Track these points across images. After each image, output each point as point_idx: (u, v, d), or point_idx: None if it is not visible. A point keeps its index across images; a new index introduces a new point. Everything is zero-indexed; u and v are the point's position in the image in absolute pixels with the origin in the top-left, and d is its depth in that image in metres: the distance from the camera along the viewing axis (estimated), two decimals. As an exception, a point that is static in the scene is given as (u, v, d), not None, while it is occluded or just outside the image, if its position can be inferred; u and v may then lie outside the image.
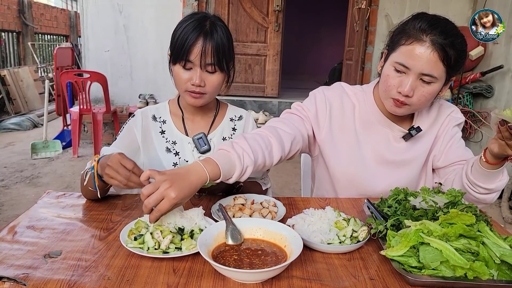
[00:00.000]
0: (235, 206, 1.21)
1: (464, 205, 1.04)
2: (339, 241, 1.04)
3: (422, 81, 1.23)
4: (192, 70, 1.33)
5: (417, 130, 1.37)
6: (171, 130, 1.50)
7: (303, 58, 9.89)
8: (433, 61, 1.19)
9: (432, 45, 1.18)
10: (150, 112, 1.51)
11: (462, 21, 5.04)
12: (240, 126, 1.58)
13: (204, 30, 1.31)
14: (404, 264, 0.92)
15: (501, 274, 0.89)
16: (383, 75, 1.31)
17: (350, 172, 1.44)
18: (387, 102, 1.32)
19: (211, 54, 1.30)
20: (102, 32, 5.16)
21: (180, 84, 1.37)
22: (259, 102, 5.51)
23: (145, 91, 5.20)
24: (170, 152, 1.47)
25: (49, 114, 5.63)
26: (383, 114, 1.42)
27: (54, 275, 0.89)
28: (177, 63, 1.34)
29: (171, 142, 1.49)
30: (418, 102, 1.26)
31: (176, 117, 1.52)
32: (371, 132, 1.43)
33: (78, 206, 1.27)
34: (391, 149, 1.42)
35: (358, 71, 5.02)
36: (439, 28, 1.20)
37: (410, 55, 1.21)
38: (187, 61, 1.31)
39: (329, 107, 1.44)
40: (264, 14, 5.45)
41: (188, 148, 1.48)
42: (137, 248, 0.98)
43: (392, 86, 1.26)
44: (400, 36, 1.25)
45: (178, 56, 1.32)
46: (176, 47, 1.32)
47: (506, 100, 4.40)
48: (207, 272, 0.92)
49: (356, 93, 1.47)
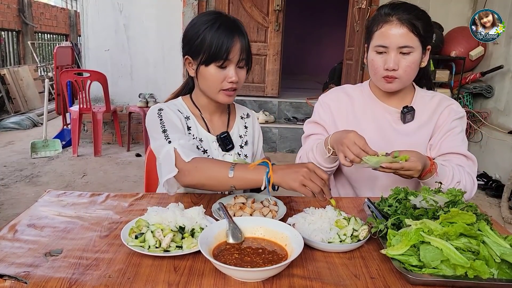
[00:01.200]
0: (236, 205, 1.21)
1: (465, 204, 1.04)
2: (339, 240, 1.04)
3: (402, 54, 1.39)
4: (226, 68, 1.35)
5: (409, 109, 1.51)
6: (196, 127, 1.46)
7: (303, 58, 9.88)
8: (405, 33, 1.37)
9: (400, 21, 1.37)
10: (173, 106, 1.44)
11: (462, 21, 5.05)
12: (249, 123, 1.61)
13: (237, 28, 1.36)
14: (404, 263, 0.92)
15: (501, 273, 0.89)
16: (369, 62, 1.48)
17: None
18: (380, 83, 1.48)
19: (245, 49, 1.36)
20: (102, 31, 5.16)
21: (215, 84, 1.36)
22: (259, 102, 5.51)
23: (145, 91, 5.20)
24: (199, 150, 1.42)
25: (49, 113, 5.63)
26: (379, 100, 1.56)
27: (55, 274, 0.89)
28: (211, 64, 1.33)
29: (198, 139, 1.45)
30: (405, 74, 1.42)
31: (195, 115, 1.48)
32: (371, 118, 1.56)
33: (78, 204, 1.27)
34: (393, 132, 1.53)
35: (358, 71, 5.02)
36: (401, 8, 1.39)
37: (384, 35, 1.39)
38: (226, 60, 1.32)
39: (327, 106, 1.60)
40: (264, 14, 5.45)
41: (214, 146, 1.47)
42: (138, 246, 0.99)
43: (379, 67, 1.43)
44: (372, 26, 1.45)
45: (216, 56, 1.31)
46: (212, 49, 1.31)
47: (506, 100, 4.41)
48: (208, 271, 0.92)
49: (355, 88, 1.63)
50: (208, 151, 1.46)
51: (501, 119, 4.46)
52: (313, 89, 6.90)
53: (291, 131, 5.19)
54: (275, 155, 5.07)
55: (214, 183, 1.22)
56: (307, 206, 1.20)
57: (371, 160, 1.20)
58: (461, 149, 1.47)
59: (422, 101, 1.54)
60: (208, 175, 1.21)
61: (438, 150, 1.50)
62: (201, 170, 1.21)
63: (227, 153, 1.48)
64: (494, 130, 4.37)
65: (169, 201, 1.27)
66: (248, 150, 1.55)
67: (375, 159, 1.20)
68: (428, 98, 1.55)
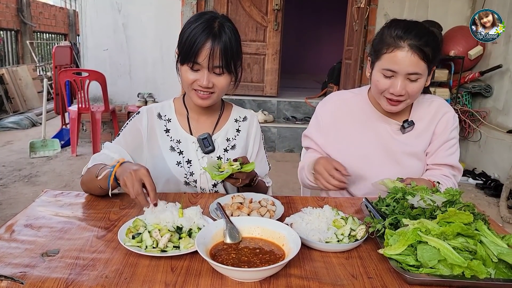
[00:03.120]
0: (233, 205, 1.20)
1: (462, 204, 1.04)
2: (337, 240, 1.04)
3: (409, 80, 1.38)
4: (199, 71, 1.33)
5: (410, 124, 1.53)
6: (176, 129, 1.49)
7: (302, 57, 9.88)
8: (415, 61, 1.34)
9: (411, 48, 1.34)
10: (155, 110, 1.51)
11: (461, 20, 5.05)
12: (244, 127, 1.57)
13: (213, 32, 1.30)
14: (402, 263, 0.92)
15: (498, 272, 0.89)
16: (373, 81, 1.46)
17: (358, 168, 1.54)
18: (382, 102, 1.47)
19: (219, 57, 1.30)
20: (101, 31, 5.15)
21: (186, 84, 1.37)
22: (258, 101, 5.51)
23: (144, 90, 5.19)
24: (174, 151, 1.47)
25: (48, 113, 5.62)
26: (378, 111, 1.56)
27: (51, 274, 0.89)
28: (184, 64, 1.33)
29: (176, 140, 1.48)
30: (410, 98, 1.42)
31: (181, 116, 1.51)
32: (370, 129, 1.55)
33: (76, 204, 1.27)
34: (392, 142, 1.54)
35: (357, 70, 5.02)
36: (413, 32, 1.35)
37: (394, 61, 1.36)
38: (195, 63, 1.31)
39: (326, 117, 1.61)
40: (263, 13, 5.44)
41: (192, 147, 1.48)
42: (135, 246, 0.98)
43: (384, 89, 1.41)
44: (381, 46, 1.40)
45: (186, 57, 1.31)
46: (185, 48, 1.31)
47: (505, 100, 4.41)
48: (205, 271, 0.92)
49: (353, 96, 1.62)
50: (184, 152, 1.48)
51: (500, 119, 4.46)
52: (312, 88, 6.90)
53: (290, 130, 5.19)
54: (274, 154, 5.07)
55: (90, 185, 1.30)
56: (305, 206, 1.20)
57: (388, 184, 1.29)
58: (454, 160, 1.56)
59: (421, 107, 1.56)
60: (87, 178, 1.31)
61: (433, 158, 1.57)
62: (87, 173, 1.34)
63: (207, 155, 1.48)
64: (493, 130, 4.37)
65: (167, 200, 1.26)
66: (234, 155, 1.51)
67: (391, 184, 1.27)
68: (426, 104, 1.57)
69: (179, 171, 1.46)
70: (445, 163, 1.56)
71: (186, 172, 1.47)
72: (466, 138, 4.71)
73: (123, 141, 1.45)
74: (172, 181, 1.48)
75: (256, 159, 1.60)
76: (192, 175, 1.47)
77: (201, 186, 1.49)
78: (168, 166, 1.46)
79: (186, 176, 1.47)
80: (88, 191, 1.34)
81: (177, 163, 1.46)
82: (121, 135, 1.47)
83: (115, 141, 1.46)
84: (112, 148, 1.43)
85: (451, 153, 1.56)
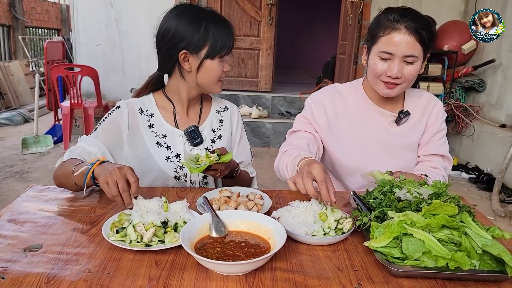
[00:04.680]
0: (221, 199, 1.20)
1: (448, 196, 1.04)
2: (323, 233, 1.04)
3: (406, 63, 1.40)
4: (222, 60, 1.41)
5: (406, 114, 1.53)
6: (160, 123, 1.47)
7: (296, 53, 9.85)
8: (412, 43, 1.36)
9: (408, 30, 1.36)
10: (136, 105, 1.47)
11: (455, 15, 5.05)
12: (226, 117, 1.58)
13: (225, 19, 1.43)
14: (387, 255, 0.91)
15: (483, 264, 0.89)
16: (370, 66, 1.46)
17: (354, 160, 1.55)
18: (378, 87, 1.47)
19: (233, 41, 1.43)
20: (93, 26, 5.11)
21: (217, 76, 1.41)
22: (253, 97, 5.49)
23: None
24: (161, 146, 1.45)
25: (40, 109, 5.58)
26: (374, 104, 1.56)
27: (33, 269, 0.88)
28: (216, 57, 1.38)
29: (161, 135, 1.46)
30: (406, 81, 1.43)
31: (164, 110, 1.49)
32: (366, 122, 1.55)
33: (61, 199, 1.25)
34: (388, 134, 1.55)
35: (351, 65, 5.01)
36: (409, 16, 1.38)
37: (391, 43, 1.38)
38: (226, 54, 1.40)
39: (322, 107, 1.57)
40: (257, 8, 5.42)
41: (180, 141, 1.47)
42: (119, 241, 0.97)
43: (381, 72, 1.42)
44: (378, 30, 1.41)
45: (222, 48, 1.38)
46: (220, 41, 1.37)
47: (498, 94, 4.42)
48: (190, 265, 0.92)
49: (347, 89, 1.61)
50: (172, 147, 1.47)
51: (493, 113, 4.47)
52: (306, 83, 6.89)
53: (285, 126, 5.18)
54: (268, 150, 5.07)
55: (64, 180, 1.28)
56: (293, 199, 1.19)
57: (376, 176, 1.29)
58: (444, 150, 1.59)
59: (412, 99, 1.59)
60: (62, 172, 1.29)
61: (425, 150, 1.60)
62: (61, 166, 1.32)
63: (196, 147, 1.48)
64: (486, 124, 4.38)
65: (154, 195, 1.26)
66: (221, 144, 1.53)
67: (380, 176, 1.27)
68: (416, 97, 1.60)
69: (169, 166, 1.45)
70: (436, 153, 1.58)
71: (176, 167, 1.46)
72: (460, 132, 4.73)
73: (102, 135, 1.41)
74: (161, 176, 1.46)
75: (238, 147, 1.61)
76: (182, 169, 1.46)
77: (191, 179, 1.49)
78: (156, 162, 1.44)
79: (176, 171, 1.46)
80: (60, 185, 1.32)
81: (166, 158, 1.45)
82: (99, 129, 1.43)
83: (93, 134, 1.42)
84: (89, 142, 1.39)
85: (441, 143, 1.59)
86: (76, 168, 1.20)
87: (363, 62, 1.52)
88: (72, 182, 1.23)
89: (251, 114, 5.18)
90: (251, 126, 5.08)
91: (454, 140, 4.82)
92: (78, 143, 1.40)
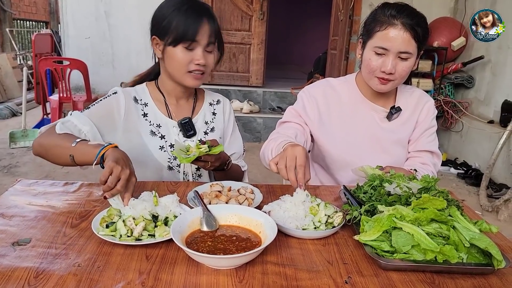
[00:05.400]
0: (212, 193, 1.19)
1: (437, 191, 1.05)
2: (314, 227, 1.04)
3: (400, 59, 1.40)
4: (194, 51, 1.35)
5: (397, 110, 1.54)
6: (154, 113, 1.47)
7: (288, 48, 9.85)
8: (407, 39, 1.37)
9: (404, 26, 1.36)
10: (131, 93, 1.47)
11: (445, 11, 5.08)
12: (219, 110, 1.60)
13: (206, 11, 1.36)
14: (376, 249, 0.92)
15: (470, 257, 0.90)
16: (364, 60, 1.46)
17: (345, 154, 1.56)
18: (372, 82, 1.47)
19: (213, 33, 1.37)
20: (83, 19, 5.05)
21: (182, 66, 1.36)
22: (244, 91, 5.48)
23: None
24: (155, 136, 1.45)
25: (28, 102, 5.50)
26: (366, 99, 1.56)
27: (22, 263, 0.87)
28: (179, 45, 1.33)
29: (156, 125, 1.46)
30: (399, 77, 1.43)
31: (157, 101, 1.49)
32: (358, 116, 1.56)
33: (50, 193, 1.24)
34: (379, 129, 1.56)
35: (342, 60, 5.02)
36: (405, 12, 1.38)
37: (387, 38, 1.38)
38: (193, 42, 1.33)
39: (315, 101, 1.57)
40: (248, 2, 5.39)
41: (174, 132, 1.47)
42: (109, 235, 0.97)
43: (375, 67, 1.42)
44: (374, 25, 1.42)
45: (183, 37, 1.32)
46: (180, 29, 1.32)
47: (486, 91, 4.47)
48: (180, 259, 0.91)
49: (340, 83, 1.61)
50: (166, 137, 1.47)
51: (481, 109, 4.53)
52: (298, 78, 6.89)
53: (276, 121, 5.09)
54: (259, 145, 5.06)
55: (56, 151, 1.25)
56: (284, 193, 1.19)
57: (367, 171, 1.29)
58: (433, 147, 1.61)
59: (403, 97, 1.60)
60: (55, 142, 1.26)
61: (415, 146, 1.62)
62: (52, 136, 1.28)
63: (189, 139, 1.48)
64: (474, 120, 4.44)
65: (144, 189, 1.25)
66: (214, 137, 1.53)
67: (370, 171, 1.28)
68: (408, 93, 1.61)
69: (162, 155, 1.45)
70: (426, 149, 1.60)
71: (169, 157, 1.46)
72: (449, 128, 4.78)
73: (95, 116, 1.38)
74: (155, 166, 1.46)
75: (231, 140, 1.62)
76: (176, 159, 1.45)
77: (184, 170, 1.48)
78: (150, 151, 1.44)
79: (169, 161, 1.46)
80: (43, 153, 1.29)
81: (160, 148, 1.45)
82: (93, 109, 1.39)
83: (85, 112, 1.38)
84: (81, 119, 1.35)
85: (431, 140, 1.61)
86: (78, 145, 1.19)
87: (357, 56, 1.52)
88: (66, 155, 1.21)
89: (242, 109, 5.17)
90: (242, 121, 5.07)
91: (443, 135, 4.88)
92: (69, 116, 1.36)
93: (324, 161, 1.64)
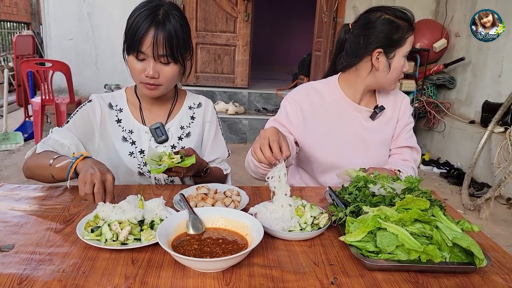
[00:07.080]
0: (198, 196, 1.19)
1: (420, 191, 1.07)
2: (300, 228, 1.05)
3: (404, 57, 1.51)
4: (145, 61, 1.30)
5: (381, 109, 1.59)
6: (128, 119, 1.47)
7: (273, 49, 9.88)
8: None
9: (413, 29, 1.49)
10: (106, 100, 1.48)
11: (427, 13, 5.17)
12: (199, 113, 1.56)
13: (156, 20, 1.26)
14: (362, 249, 0.93)
15: (453, 256, 0.92)
16: (395, 68, 1.49)
17: (331, 157, 1.58)
18: (393, 86, 1.56)
19: (163, 45, 1.27)
20: (65, 20, 4.97)
21: (134, 75, 1.34)
22: (229, 93, 5.48)
23: (111, 81, 5.07)
24: (126, 141, 1.45)
25: (10, 105, 5.39)
26: (350, 100, 1.58)
27: (5, 270, 0.85)
28: (130, 54, 1.30)
29: (128, 131, 1.46)
30: None
31: (133, 106, 1.49)
32: (343, 118, 1.57)
33: (33, 198, 1.22)
34: (363, 129, 1.58)
35: (326, 62, 5.06)
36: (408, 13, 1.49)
37: (411, 41, 1.49)
38: (139, 52, 1.28)
39: (298, 106, 1.57)
40: (233, 4, 5.39)
41: (145, 137, 1.46)
42: (94, 240, 0.96)
43: (404, 70, 1.51)
44: (402, 33, 1.46)
45: (130, 46, 1.28)
46: (129, 37, 1.28)
47: (467, 91, 4.56)
48: (167, 263, 0.91)
49: (323, 86, 1.62)
50: (137, 142, 1.46)
51: (463, 109, 4.62)
52: (283, 80, 6.92)
53: (261, 122, 5.20)
54: (245, 146, 5.07)
55: (38, 171, 1.27)
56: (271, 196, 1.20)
57: (351, 174, 1.31)
58: (413, 142, 1.66)
59: (382, 96, 1.64)
60: (36, 163, 1.27)
61: (395, 142, 1.66)
62: (34, 157, 1.30)
63: (161, 145, 1.47)
64: (456, 120, 4.52)
65: (129, 193, 1.24)
66: (189, 142, 1.51)
67: (354, 174, 1.29)
68: (384, 93, 1.65)
69: (132, 161, 1.45)
70: (406, 145, 1.65)
71: (139, 163, 1.45)
72: (431, 128, 4.86)
73: (74, 128, 1.40)
74: (126, 172, 1.46)
75: (213, 145, 1.59)
76: (146, 165, 1.45)
77: (155, 176, 1.47)
78: (120, 156, 1.44)
79: (139, 167, 1.45)
80: (31, 176, 1.31)
81: (129, 154, 1.44)
82: (71, 122, 1.41)
83: (65, 127, 1.40)
84: (62, 134, 1.37)
85: (410, 136, 1.67)
86: (55, 161, 1.19)
87: (376, 67, 1.48)
88: (48, 174, 1.21)
89: (228, 111, 5.17)
90: (227, 123, 5.07)
91: (426, 136, 4.96)
92: (50, 134, 1.38)
93: (309, 165, 1.64)
